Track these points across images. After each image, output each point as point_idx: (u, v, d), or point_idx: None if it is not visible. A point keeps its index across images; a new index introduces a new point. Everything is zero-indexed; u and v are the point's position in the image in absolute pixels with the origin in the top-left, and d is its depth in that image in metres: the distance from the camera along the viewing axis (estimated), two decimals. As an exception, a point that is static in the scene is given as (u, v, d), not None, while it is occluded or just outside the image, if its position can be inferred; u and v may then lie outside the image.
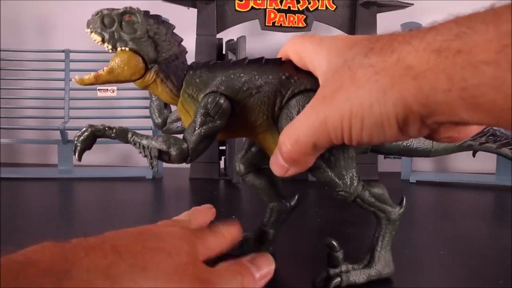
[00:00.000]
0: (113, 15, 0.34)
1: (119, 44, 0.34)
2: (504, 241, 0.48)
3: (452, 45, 0.21)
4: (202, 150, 0.34)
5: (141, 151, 0.33)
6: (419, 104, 0.22)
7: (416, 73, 0.22)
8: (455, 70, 0.20)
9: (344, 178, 0.33)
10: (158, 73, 0.35)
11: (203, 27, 0.80)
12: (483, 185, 0.79)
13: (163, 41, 0.34)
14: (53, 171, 0.82)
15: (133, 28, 0.34)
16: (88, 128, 0.33)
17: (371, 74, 0.24)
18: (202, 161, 0.80)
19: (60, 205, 0.67)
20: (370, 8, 0.82)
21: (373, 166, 0.82)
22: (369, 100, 0.24)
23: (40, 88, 0.87)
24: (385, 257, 0.36)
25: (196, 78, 0.35)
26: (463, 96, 0.21)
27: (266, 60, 0.34)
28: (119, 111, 0.87)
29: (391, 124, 0.24)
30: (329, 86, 0.26)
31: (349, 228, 0.52)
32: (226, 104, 0.33)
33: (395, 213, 0.35)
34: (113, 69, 0.34)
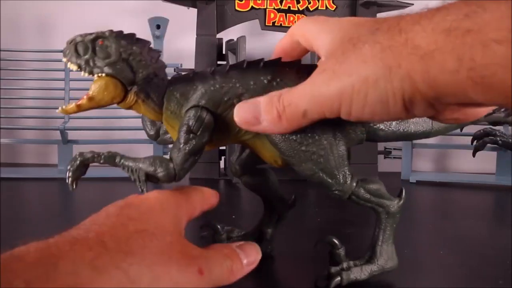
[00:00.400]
0: (86, 41, 0.33)
1: (95, 71, 0.33)
2: (504, 241, 0.48)
3: (462, 24, 0.20)
4: (189, 167, 0.33)
5: (130, 175, 0.33)
6: (426, 84, 0.22)
7: (424, 53, 0.22)
8: (464, 50, 0.20)
9: (336, 177, 0.33)
10: (138, 94, 0.34)
11: (203, 27, 0.80)
12: (483, 185, 0.79)
13: (138, 61, 0.34)
14: (53, 171, 0.82)
15: (107, 53, 0.33)
16: (78, 157, 0.34)
17: (377, 51, 0.23)
18: (202, 161, 0.80)
19: (60, 205, 0.67)
20: (370, 8, 0.82)
21: (373, 166, 0.82)
22: (374, 75, 0.23)
23: (40, 88, 0.87)
24: (388, 251, 0.35)
25: (176, 93, 0.34)
26: (471, 76, 0.20)
27: (248, 64, 0.33)
28: (119, 111, 0.86)
29: (397, 101, 0.23)
30: (331, 60, 0.26)
31: (349, 228, 0.52)
32: (208, 118, 0.33)
33: (394, 206, 0.35)
34: (93, 96, 0.34)
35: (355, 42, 0.25)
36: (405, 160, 0.83)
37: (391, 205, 0.34)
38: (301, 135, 0.32)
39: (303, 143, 0.32)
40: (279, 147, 0.33)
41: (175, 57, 0.85)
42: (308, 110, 0.27)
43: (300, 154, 0.32)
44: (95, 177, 0.79)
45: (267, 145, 0.34)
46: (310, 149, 0.32)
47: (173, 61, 0.83)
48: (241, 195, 0.71)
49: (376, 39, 0.24)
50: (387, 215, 0.35)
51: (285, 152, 0.32)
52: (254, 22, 0.82)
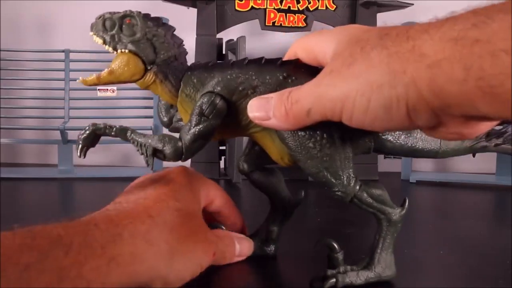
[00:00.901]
0: (114, 18, 0.35)
1: (119, 46, 0.35)
2: (504, 241, 0.48)
3: (469, 34, 0.20)
4: (197, 149, 0.34)
5: (139, 149, 0.34)
6: (432, 93, 0.22)
7: (431, 62, 0.21)
8: (472, 59, 0.20)
9: (340, 177, 0.33)
10: (157, 74, 0.35)
11: (203, 27, 0.80)
12: (483, 185, 0.79)
13: (161, 43, 0.35)
14: (53, 171, 0.82)
15: (132, 31, 0.35)
16: (90, 127, 0.35)
17: (384, 56, 0.23)
18: (202, 161, 0.80)
19: (60, 205, 0.67)
20: (370, 8, 0.82)
21: (373, 166, 0.82)
22: (379, 80, 0.23)
23: (40, 88, 0.87)
24: (386, 259, 0.35)
25: (193, 78, 0.36)
26: (480, 86, 0.20)
27: (266, 60, 0.34)
28: (119, 111, 0.87)
29: (400, 108, 0.23)
30: (338, 62, 0.26)
31: (349, 228, 0.52)
32: (221, 104, 0.34)
33: (395, 215, 0.34)
34: (114, 70, 0.35)
35: (363, 45, 0.25)
36: (405, 160, 0.83)
37: (393, 213, 0.34)
38: (310, 131, 0.32)
39: (311, 139, 0.32)
40: (287, 141, 0.33)
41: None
42: (312, 109, 0.27)
43: (307, 150, 0.32)
44: (95, 177, 0.79)
45: (275, 140, 0.34)
46: (317, 146, 0.32)
47: (173, 61, 0.82)
48: (241, 195, 0.71)
49: (384, 44, 0.24)
50: (389, 223, 0.34)
51: (292, 147, 0.33)
52: (254, 22, 0.82)
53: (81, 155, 0.35)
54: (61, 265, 0.23)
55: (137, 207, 0.31)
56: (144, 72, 0.35)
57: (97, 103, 0.85)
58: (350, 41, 0.26)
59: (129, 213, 0.30)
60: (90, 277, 0.24)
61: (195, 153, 0.34)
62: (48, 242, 0.24)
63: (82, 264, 0.24)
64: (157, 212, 0.30)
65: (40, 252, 0.23)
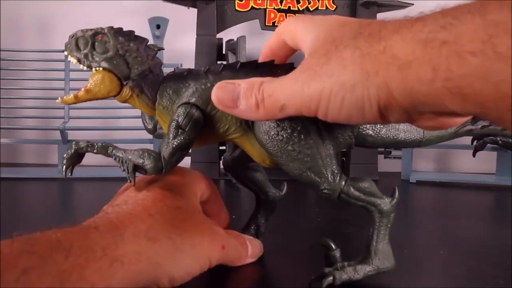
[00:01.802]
0: (86, 37, 0.35)
1: (93, 65, 0.35)
2: (504, 241, 0.48)
3: (438, 36, 0.21)
4: (177, 161, 0.35)
5: (120, 165, 0.35)
6: (402, 93, 0.23)
7: (401, 63, 0.22)
8: (440, 60, 0.20)
9: (324, 175, 0.33)
10: (133, 89, 0.36)
11: (203, 27, 0.80)
12: (483, 185, 0.79)
13: (134, 57, 0.35)
14: (53, 171, 0.82)
15: (105, 48, 0.35)
16: (73, 146, 0.35)
17: (357, 57, 0.24)
18: (202, 161, 0.80)
19: (60, 205, 0.67)
20: (370, 8, 0.82)
21: (373, 166, 0.82)
22: (352, 80, 0.24)
23: (40, 88, 0.87)
24: (383, 250, 0.35)
25: (168, 90, 0.36)
26: (448, 87, 0.21)
27: (241, 65, 0.34)
28: (119, 111, 0.87)
29: (372, 107, 0.24)
30: (314, 59, 0.26)
31: (349, 228, 0.52)
32: (198, 115, 0.34)
33: (386, 205, 0.34)
34: (90, 89, 0.36)
35: (337, 44, 0.25)
36: (405, 160, 0.83)
37: (383, 204, 0.34)
38: (288, 134, 0.32)
39: (289, 142, 0.32)
40: (266, 147, 0.33)
41: (175, 57, 0.85)
42: (286, 105, 0.27)
43: (287, 153, 0.33)
44: (95, 177, 0.79)
45: (255, 145, 0.35)
46: (296, 148, 0.32)
47: (173, 61, 0.83)
48: (241, 195, 0.71)
49: (357, 44, 0.24)
50: (380, 214, 0.34)
51: (272, 152, 0.33)
52: (254, 22, 0.82)
53: (66, 174, 0.36)
54: (61, 268, 0.23)
55: (136, 207, 0.31)
56: (121, 88, 0.36)
57: (97, 103, 0.84)
58: (326, 39, 0.27)
59: (129, 214, 0.30)
60: (93, 279, 0.24)
61: (176, 165, 0.35)
62: (47, 247, 0.24)
63: (83, 267, 0.24)
64: (156, 211, 0.31)
65: (40, 257, 0.23)
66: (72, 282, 0.23)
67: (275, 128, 0.32)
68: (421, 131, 0.37)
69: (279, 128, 0.32)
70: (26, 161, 0.99)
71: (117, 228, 0.28)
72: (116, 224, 0.28)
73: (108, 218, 0.29)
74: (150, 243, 0.28)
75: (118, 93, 0.36)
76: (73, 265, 0.24)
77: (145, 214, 0.30)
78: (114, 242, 0.27)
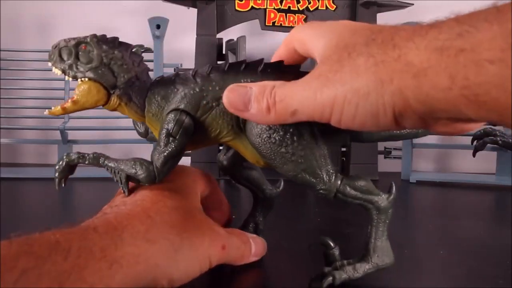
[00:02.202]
0: (69, 47, 0.35)
1: (78, 75, 0.34)
2: (504, 241, 0.48)
3: (454, 43, 0.21)
4: (169, 169, 0.34)
5: (113, 176, 0.35)
6: (418, 101, 0.22)
7: (416, 71, 0.22)
8: (457, 68, 0.20)
9: (319, 176, 0.33)
10: (120, 97, 0.35)
11: (203, 27, 0.80)
12: (483, 185, 0.79)
13: (119, 65, 0.35)
14: (53, 171, 0.82)
15: (89, 57, 0.34)
16: (64, 158, 0.36)
17: (371, 64, 0.24)
18: (202, 161, 0.80)
19: (60, 205, 0.67)
20: (370, 8, 0.82)
21: (373, 166, 0.82)
22: (366, 88, 0.24)
23: (40, 88, 0.87)
24: (382, 247, 0.35)
25: (157, 96, 0.35)
26: (465, 94, 0.21)
27: (229, 66, 0.34)
28: (119, 111, 0.87)
29: (387, 114, 0.24)
30: (326, 66, 0.26)
31: (348, 228, 0.52)
32: (188, 122, 0.34)
33: (383, 201, 0.34)
34: (78, 100, 0.35)
35: (350, 51, 0.25)
36: (405, 160, 0.83)
37: (380, 201, 0.34)
38: (280, 136, 0.32)
39: (282, 144, 0.32)
40: (259, 150, 0.33)
41: (175, 57, 0.85)
42: (298, 110, 0.27)
43: (280, 156, 0.32)
44: (95, 177, 0.79)
45: (248, 147, 0.35)
46: (289, 150, 0.32)
47: (173, 61, 0.83)
48: (241, 195, 0.71)
49: (370, 51, 0.24)
50: (378, 211, 0.34)
51: (266, 155, 0.33)
52: (254, 22, 0.82)
53: (58, 187, 0.36)
54: (60, 269, 0.23)
55: (135, 208, 0.31)
56: (108, 97, 0.35)
57: (97, 103, 0.85)
58: (338, 45, 0.27)
59: (128, 215, 0.30)
60: (92, 280, 0.24)
61: (169, 172, 0.34)
62: (46, 248, 0.24)
63: (82, 268, 0.24)
64: (155, 212, 0.31)
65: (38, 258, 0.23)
66: (71, 283, 0.23)
67: (267, 131, 0.32)
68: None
69: (271, 130, 0.32)
70: (26, 161, 0.99)
71: (115, 229, 0.28)
72: (114, 225, 0.28)
73: (107, 219, 0.29)
74: (148, 245, 0.28)
75: (106, 102, 0.35)
76: (72, 265, 0.24)
77: (143, 215, 0.30)
78: (113, 243, 0.27)
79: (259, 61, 0.33)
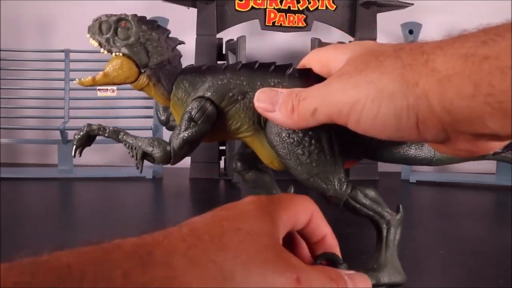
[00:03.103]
0: (110, 22, 0.36)
1: (114, 50, 0.36)
2: (504, 241, 0.48)
3: (479, 51, 0.21)
4: (185, 153, 0.35)
5: (130, 151, 0.35)
6: (442, 107, 0.22)
7: (442, 76, 0.22)
8: (481, 75, 0.20)
9: (331, 183, 0.33)
10: (150, 77, 0.36)
11: (203, 27, 0.80)
12: (483, 185, 0.79)
13: (155, 47, 0.36)
14: (53, 171, 0.82)
15: (127, 34, 0.36)
16: (85, 128, 0.36)
17: (398, 66, 0.23)
18: (202, 161, 0.80)
19: (60, 205, 0.67)
20: (370, 8, 0.82)
21: (373, 166, 0.82)
22: (391, 88, 0.23)
23: (40, 88, 0.87)
24: (394, 264, 0.34)
25: (185, 82, 0.36)
26: (489, 102, 0.20)
27: (260, 65, 0.34)
28: (119, 111, 0.87)
29: (410, 118, 0.23)
30: (350, 67, 0.26)
31: (348, 228, 0.52)
32: (211, 110, 0.34)
33: (392, 216, 0.34)
34: (108, 73, 0.36)
35: (377, 55, 0.25)
36: (405, 160, 0.83)
37: (390, 216, 0.34)
38: (299, 138, 0.32)
39: (299, 146, 0.32)
40: (276, 148, 0.33)
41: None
42: (318, 109, 0.26)
43: (296, 156, 0.33)
44: (95, 177, 0.79)
45: (265, 146, 0.34)
46: (306, 152, 0.32)
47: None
48: (241, 195, 0.71)
49: (399, 55, 0.24)
50: (388, 225, 0.34)
51: (282, 154, 0.33)
52: (254, 22, 0.82)
53: (76, 155, 0.36)
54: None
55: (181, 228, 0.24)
56: (138, 75, 0.36)
57: (97, 103, 0.85)
58: (365, 51, 0.26)
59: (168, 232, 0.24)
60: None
61: (185, 157, 0.35)
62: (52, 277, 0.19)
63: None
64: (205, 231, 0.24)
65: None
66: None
67: (286, 131, 0.33)
68: (432, 150, 0.36)
69: (291, 130, 0.32)
70: (26, 161, 0.99)
71: (146, 245, 0.21)
72: (146, 241, 0.22)
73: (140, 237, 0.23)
74: (189, 265, 0.21)
75: (135, 80, 0.36)
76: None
77: (188, 234, 0.23)
78: (140, 264, 0.20)
79: (289, 65, 0.34)
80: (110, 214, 0.59)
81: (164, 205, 0.68)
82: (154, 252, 0.21)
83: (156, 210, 0.64)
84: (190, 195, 0.74)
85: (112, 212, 0.60)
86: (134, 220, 0.56)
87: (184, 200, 0.71)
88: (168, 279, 0.20)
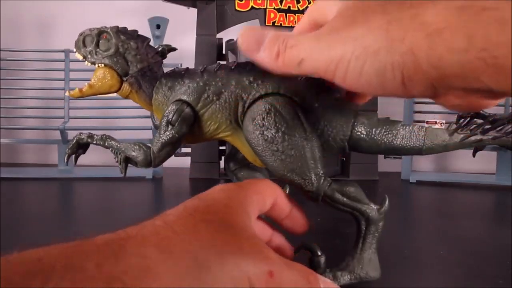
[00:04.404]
0: (92, 35, 0.38)
1: (97, 61, 0.38)
2: (504, 241, 0.48)
3: (476, 3, 0.19)
4: (166, 156, 0.37)
5: (114, 156, 0.38)
6: (430, 64, 0.21)
7: (432, 30, 0.21)
8: (477, 27, 0.19)
9: (307, 177, 0.33)
10: (132, 85, 0.38)
11: (203, 27, 0.80)
12: (483, 185, 0.79)
13: (133, 55, 0.38)
14: (53, 171, 0.82)
15: (108, 46, 0.38)
16: (75, 138, 0.39)
17: (384, 22, 0.23)
18: (202, 161, 0.80)
19: (60, 205, 0.67)
20: (370, 8, 0.82)
21: (373, 166, 0.82)
22: (375, 45, 0.22)
23: (40, 88, 0.87)
24: (369, 260, 0.34)
25: (164, 87, 0.38)
26: (482, 57, 0.19)
27: (237, 65, 0.35)
28: (119, 111, 0.87)
29: (395, 76, 0.22)
30: (339, 22, 0.25)
31: (348, 228, 0.52)
32: (187, 112, 0.36)
33: (372, 211, 0.33)
34: (93, 84, 0.38)
35: (365, 9, 0.24)
36: (405, 160, 0.83)
37: (369, 210, 0.34)
38: (272, 134, 0.33)
39: (273, 142, 0.33)
40: (252, 146, 0.34)
41: (175, 57, 0.85)
42: (305, 60, 0.26)
43: (271, 153, 0.33)
44: (95, 177, 0.79)
45: (246, 144, 0.35)
46: (280, 148, 0.33)
47: (173, 61, 0.82)
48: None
49: (386, 10, 0.23)
50: (367, 222, 0.34)
51: (258, 151, 0.33)
52: (254, 22, 0.82)
53: (67, 162, 0.39)
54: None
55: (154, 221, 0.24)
56: (121, 84, 0.38)
57: (97, 103, 0.85)
58: (354, 4, 0.26)
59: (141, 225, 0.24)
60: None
61: (166, 159, 0.37)
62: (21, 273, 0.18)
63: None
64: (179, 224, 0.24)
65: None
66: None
67: (260, 128, 0.33)
68: (422, 138, 0.34)
69: (264, 127, 0.33)
70: (26, 161, 1.00)
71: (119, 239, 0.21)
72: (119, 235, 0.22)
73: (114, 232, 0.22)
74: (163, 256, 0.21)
75: (119, 88, 0.38)
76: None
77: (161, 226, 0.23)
78: (113, 255, 0.20)
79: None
80: (110, 214, 0.59)
81: (164, 205, 0.68)
82: (127, 245, 0.20)
83: (156, 210, 0.64)
84: (190, 195, 0.73)
85: (112, 212, 0.60)
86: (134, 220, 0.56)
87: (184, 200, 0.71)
88: (142, 269, 0.20)
